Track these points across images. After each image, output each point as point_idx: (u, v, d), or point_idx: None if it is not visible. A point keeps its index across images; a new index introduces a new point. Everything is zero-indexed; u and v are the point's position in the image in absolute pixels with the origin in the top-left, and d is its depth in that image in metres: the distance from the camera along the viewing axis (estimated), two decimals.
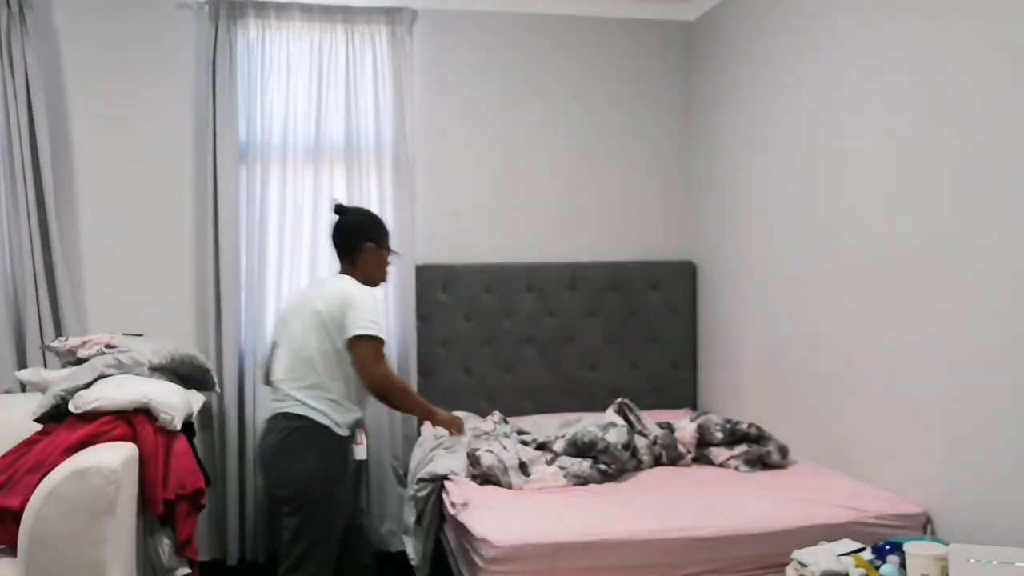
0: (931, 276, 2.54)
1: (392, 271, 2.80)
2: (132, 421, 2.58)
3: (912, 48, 2.62)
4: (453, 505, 2.73)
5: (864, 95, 2.85)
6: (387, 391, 2.56)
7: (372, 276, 2.69)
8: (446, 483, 2.93)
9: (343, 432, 2.59)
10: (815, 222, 3.15)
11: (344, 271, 2.69)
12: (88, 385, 2.68)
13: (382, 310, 2.65)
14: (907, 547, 2.03)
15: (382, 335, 2.52)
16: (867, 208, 2.84)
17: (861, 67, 2.87)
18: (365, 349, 2.49)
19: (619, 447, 2.98)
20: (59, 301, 3.53)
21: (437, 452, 3.19)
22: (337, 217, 2.72)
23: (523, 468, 2.89)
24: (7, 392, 3.47)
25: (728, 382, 3.87)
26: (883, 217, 2.76)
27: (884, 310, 2.75)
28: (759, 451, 3.08)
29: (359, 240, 2.65)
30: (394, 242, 2.79)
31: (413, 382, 3.83)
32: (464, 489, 2.79)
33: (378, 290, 2.74)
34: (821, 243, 3.11)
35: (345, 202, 3.13)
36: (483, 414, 3.84)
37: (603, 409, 4.07)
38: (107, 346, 2.90)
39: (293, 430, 2.56)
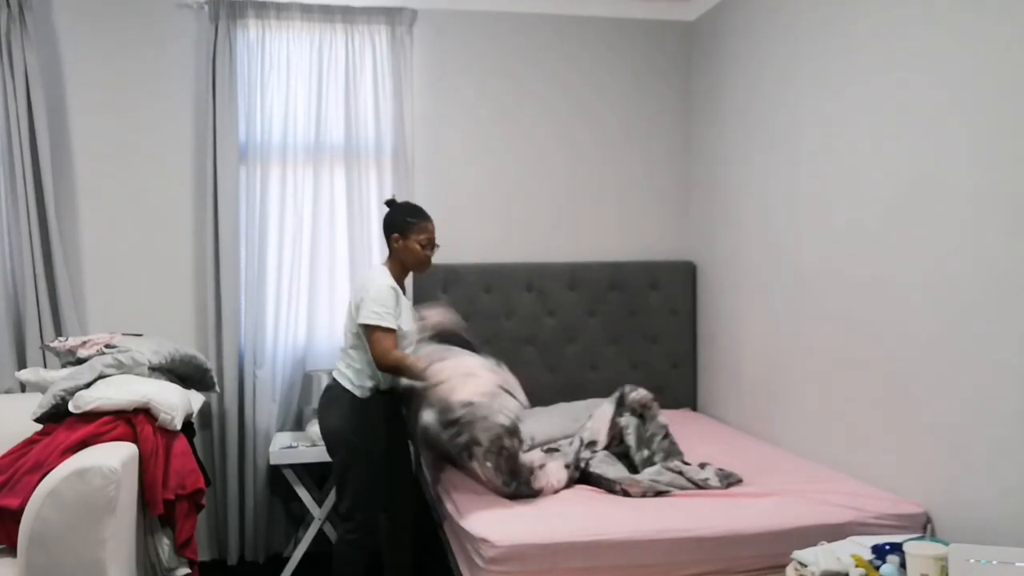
0: (931, 276, 2.54)
1: (432, 258, 3.00)
2: (132, 421, 2.59)
3: (912, 46, 2.61)
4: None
5: (864, 94, 2.85)
6: (384, 368, 2.83)
7: (405, 264, 2.98)
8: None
9: (363, 395, 2.89)
10: (815, 222, 3.15)
11: (386, 260, 3.01)
12: (88, 385, 2.69)
13: (400, 303, 2.89)
14: (907, 547, 2.03)
15: (384, 323, 2.78)
16: (867, 207, 2.84)
17: (861, 66, 2.87)
18: (369, 335, 2.80)
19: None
20: (59, 301, 3.54)
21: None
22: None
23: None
24: (7, 392, 3.47)
25: (728, 382, 3.87)
26: (883, 215, 2.75)
27: (884, 310, 2.75)
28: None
29: (389, 233, 2.97)
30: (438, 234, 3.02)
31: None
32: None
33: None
34: (821, 243, 3.11)
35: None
36: None
37: None
38: (107, 346, 2.90)
39: (326, 390, 2.98)
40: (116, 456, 2.36)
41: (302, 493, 3.62)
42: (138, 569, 2.56)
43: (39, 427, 2.71)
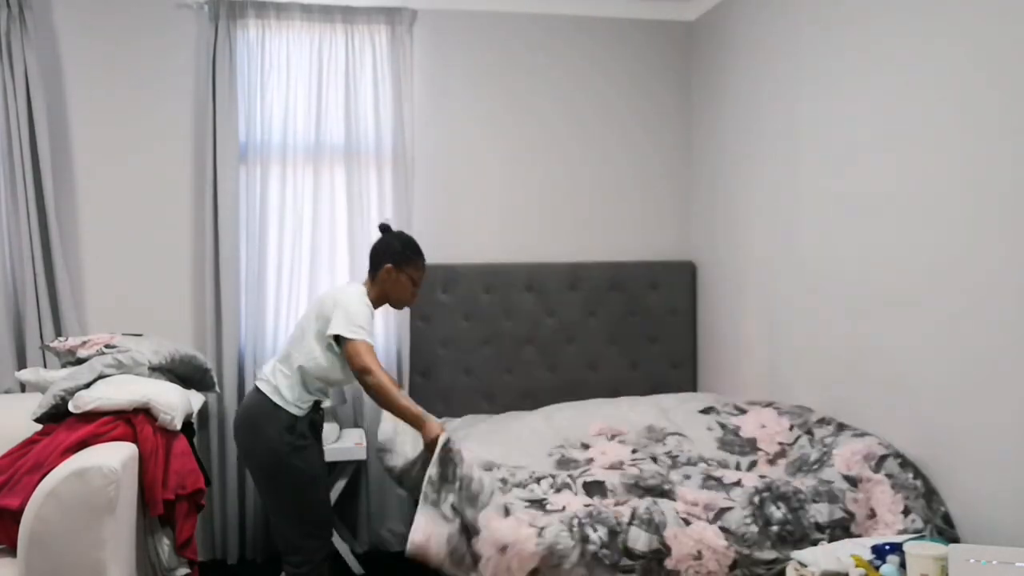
0: (932, 276, 2.54)
1: (414, 300, 2.92)
2: (132, 421, 2.59)
3: (914, 48, 2.62)
4: None
5: (864, 94, 2.85)
6: (366, 382, 2.62)
7: (387, 295, 2.84)
8: None
9: (299, 412, 2.71)
10: (816, 221, 3.15)
11: (365, 282, 2.87)
12: (88, 385, 2.69)
13: (372, 321, 2.74)
14: (907, 547, 2.03)
15: (365, 338, 2.62)
16: (867, 207, 2.84)
17: (861, 66, 2.87)
18: (350, 347, 2.61)
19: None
20: (59, 301, 3.53)
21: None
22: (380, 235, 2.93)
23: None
24: (7, 392, 3.47)
25: (728, 382, 3.87)
26: (884, 217, 2.76)
27: (884, 310, 2.75)
28: None
29: (382, 260, 2.82)
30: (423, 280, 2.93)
31: (406, 383, 3.81)
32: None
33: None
34: (821, 242, 3.11)
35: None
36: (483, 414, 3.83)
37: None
38: (107, 346, 2.90)
39: (251, 408, 2.75)
40: (116, 456, 2.36)
41: None
42: (138, 569, 2.56)
43: (39, 427, 2.71)
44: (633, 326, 4.10)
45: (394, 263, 2.81)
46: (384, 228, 2.94)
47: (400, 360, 3.82)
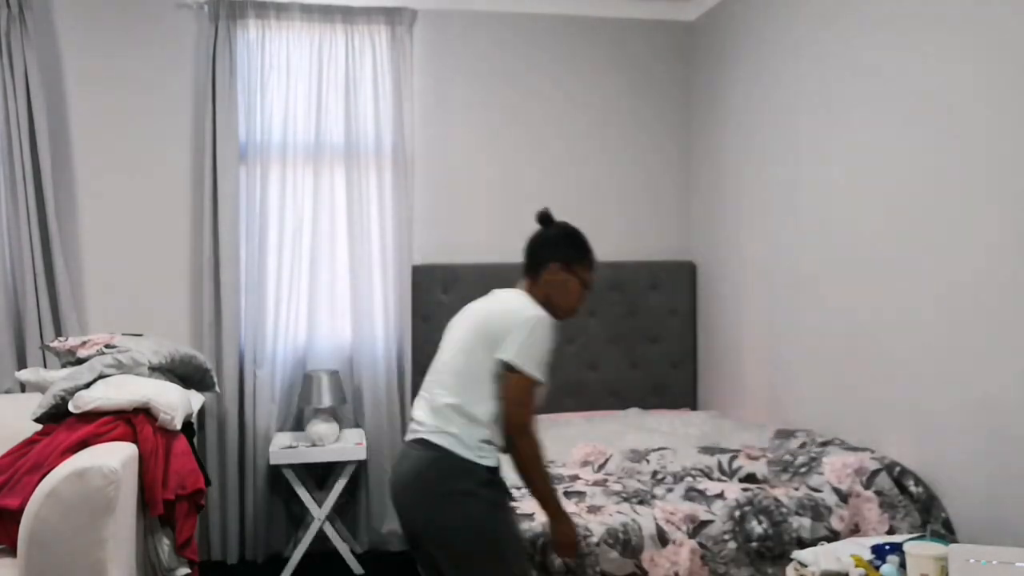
0: (930, 276, 2.54)
1: (582, 306, 2.33)
2: (132, 421, 2.58)
3: (913, 50, 2.62)
4: None
5: (863, 95, 2.85)
6: (518, 443, 2.09)
7: (552, 302, 2.25)
8: None
9: (491, 462, 2.10)
10: (815, 222, 3.15)
11: (523, 286, 2.34)
12: (88, 385, 2.68)
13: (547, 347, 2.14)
14: (907, 547, 2.02)
15: (538, 375, 2.08)
16: (866, 207, 2.84)
17: (861, 67, 2.87)
18: (515, 384, 2.08)
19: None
20: (59, 301, 3.53)
21: None
22: (540, 227, 2.37)
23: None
24: (7, 392, 3.47)
25: (728, 382, 3.87)
26: (882, 216, 2.76)
27: (883, 309, 2.75)
28: None
29: (549, 257, 2.29)
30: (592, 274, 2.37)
31: (408, 384, 3.81)
32: None
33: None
34: (821, 243, 3.11)
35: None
36: None
37: (606, 408, 4.01)
38: (107, 346, 2.90)
39: (429, 467, 2.09)
40: (116, 456, 2.36)
41: (302, 493, 3.62)
42: (138, 569, 2.55)
43: (39, 427, 2.71)
44: (633, 326, 4.10)
45: (566, 261, 2.26)
46: (545, 218, 2.37)
47: (401, 360, 3.82)
